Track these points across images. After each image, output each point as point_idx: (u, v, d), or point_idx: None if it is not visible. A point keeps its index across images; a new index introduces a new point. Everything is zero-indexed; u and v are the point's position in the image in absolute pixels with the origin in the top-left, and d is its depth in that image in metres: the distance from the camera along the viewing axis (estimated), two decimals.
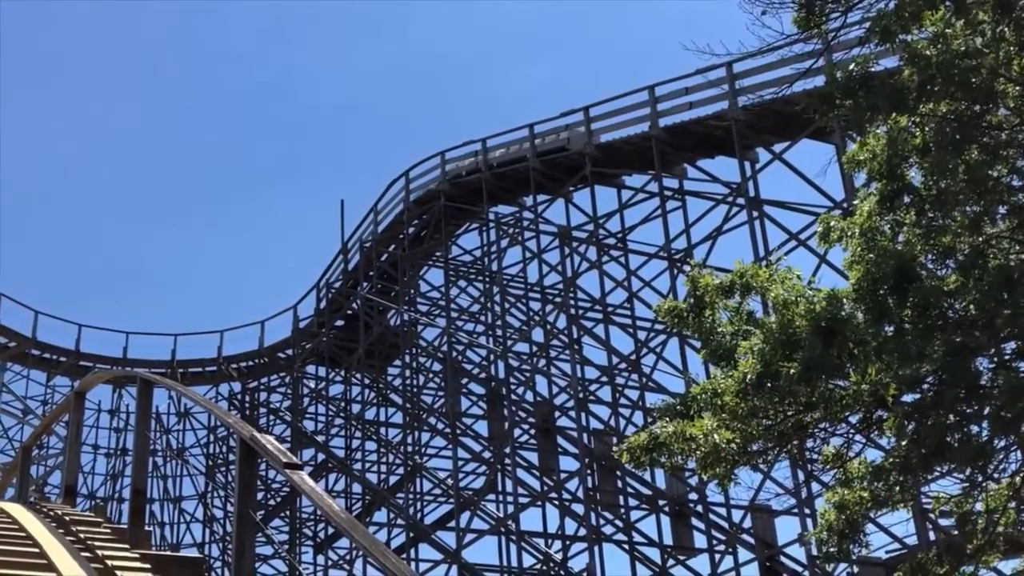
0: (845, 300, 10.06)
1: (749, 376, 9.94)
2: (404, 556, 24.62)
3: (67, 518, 9.45)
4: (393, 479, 29.28)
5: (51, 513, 9.77)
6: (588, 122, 26.17)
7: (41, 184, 64.18)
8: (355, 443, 30.63)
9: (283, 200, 66.88)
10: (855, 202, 10.93)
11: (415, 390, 29.74)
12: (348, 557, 29.20)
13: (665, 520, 24.31)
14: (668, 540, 24.20)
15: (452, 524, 25.94)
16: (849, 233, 10.38)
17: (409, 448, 28.57)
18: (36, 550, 8.22)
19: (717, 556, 22.58)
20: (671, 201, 25.32)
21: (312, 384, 33.31)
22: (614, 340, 25.69)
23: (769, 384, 9.84)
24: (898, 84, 9.84)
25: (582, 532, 24.37)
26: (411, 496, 28.23)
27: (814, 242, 16.59)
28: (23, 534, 8.77)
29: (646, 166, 25.83)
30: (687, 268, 24.90)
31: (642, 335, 25.61)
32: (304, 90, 68.30)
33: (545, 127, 27.37)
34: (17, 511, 9.80)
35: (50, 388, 33.97)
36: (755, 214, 22.85)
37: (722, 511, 22.82)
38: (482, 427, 28.25)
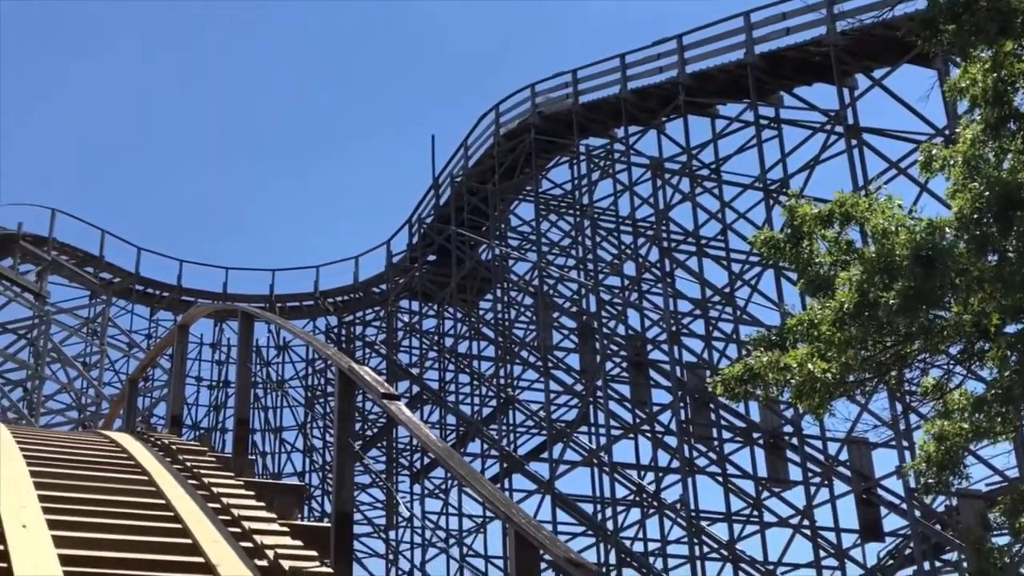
0: (947, 229, 9.83)
1: (847, 305, 9.80)
2: (498, 486, 24.95)
3: (173, 447, 9.76)
4: (486, 411, 29.60)
5: (158, 443, 10.09)
6: (681, 50, 25.76)
7: (145, 123, 65.45)
8: (448, 376, 30.98)
9: (377, 138, 67.33)
10: (958, 129, 10.62)
11: (507, 324, 29.89)
12: (443, 486, 29.68)
13: (759, 452, 24.22)
14: (762, 472, 24.13)
15: (545, 455, 26.16)
16: (951, 161, 10.11)
17: (502, 381, 28.80)
18: (145, 478, 8.52)
19: (812, 488, 22.47)
20: (767, 130, 24.90)
21: (406, 318, 33.71)
22: (707, 273, 25.50)
23: (867, 314, 9.68)
24: (1005, 7, 9.48)
25: (675, 464, 24.41)
26: (504, 428, 28.52)
27: (915, 171, 16.22)
28: (132, 463, 9.09)
29: (741, 95, 25.39)
30: (783, 199, 24.59)
31: (736, 267, 25.36)
32: (394, 29, 68.30)
33: (637, 56, 27.05)
34: (126, 440, 10.16)
35: (153, 322, 34.92)
36: (854, 142, 22.36)
37: (817, 443, 22.67)
38: (574, 360, 28.36)
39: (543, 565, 5.99)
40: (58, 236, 32.45)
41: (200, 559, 6.60)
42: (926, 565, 19.99)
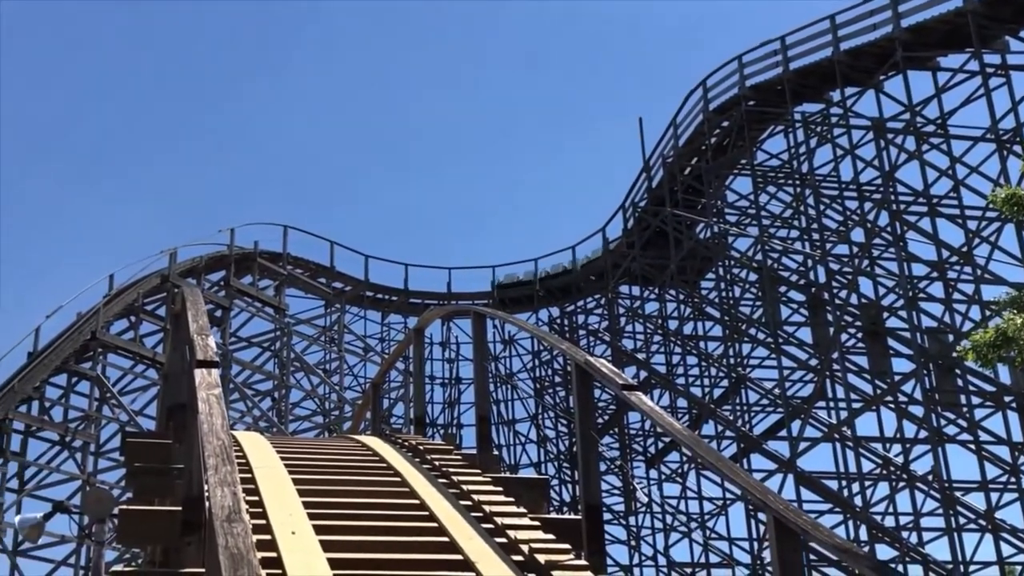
0: None
1: None
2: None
3: (421, 447, 10.02)
4: (717, 392, 29.18)
5: (406, 443, 10.37)
6: (895, 4, 24.74)
7: (359, 130, 67.72)
8: (675, 359, 30.71)
9: (583, 126, 67.51)
10: None
11: (732, 302, 29.37)
12: (680, 470, 29.47)
13: (1013, 417, 22.98)
14: (1018, 437, 22.89)
15: (783, 433, 25.60)
16: None
17: (731, 360, 28.32)
18: (397, 479, 8.77)
19: None
20: (994, 78, 23.62)
21: (627, 303, 33.61)
22: (942, 233, 24.38)
23: None
24: None
25: (923, 434, 23.48)
26: (738, 407, 28.05)
27: None
28: (384, 464, 9.37)
29: (962, 44, 24.17)
30: (1018, 149, 23.22)
31: (972, 224, 24.13)
32: (590, 15, 68.24)
33: (847, 16, 26.13)
34: (375, 443, 10.50)
35: (385, 326, 36.04)
36: None
37: None
38: (805, 334, 27.61)
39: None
40: (291, 251, 33.94)
41: (459, 556, 6.73)
42: None
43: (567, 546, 6.99)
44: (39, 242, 59.19)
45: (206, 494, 6.26)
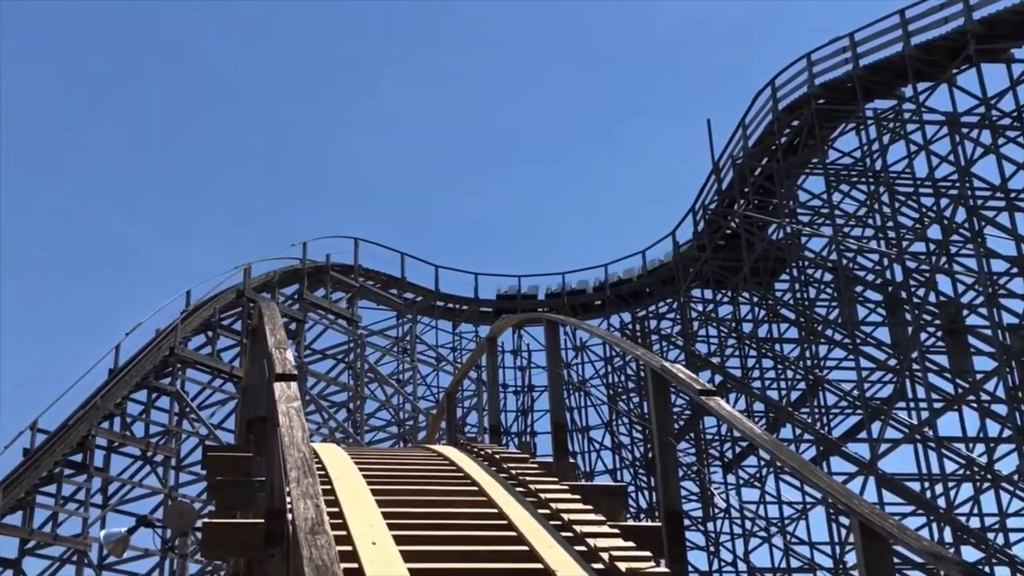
0: None
1: None
2: None
3: (497, 456, 9.99)
4: (794, 394, 28.82)
5: (481, 452, 10.36)
6: None
7: (421, 139, 68.15)
8: (750, 362, 30.38)
9: (650, 129, 67.23)
10: None
11: (807, 303, 29.00)
12: (758, 475, 29.13)
13: None
14: None
15: (862, 435, 25.20)
16: None
17: (808, 362, 27.96)
18: (475, 488, 8.76)
19: None
20: None
21: (700, 307, 33.36)
22: (1021, 227, 23.83)
23: None
24: None
25: (1007, 433, 22.97)
26: (816, 410, 27.67)
27: None
28: (461, 474, 9.37)
29: None
30: None
31: None
32: (651, 18, 67.99)
33: (917, 10, 25.77)
34: (452, 453, 10.50)
35: (456, 335, 36.19)
36: None
37: None
38: (883, 334, 27.18)
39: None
40: (362, 263, 34.24)
41: (539, 565, 6.70)
42: None
43: (648, 553, 6.93)
44: (117, 262, 60.42)
45: (288, 506, 6.30)
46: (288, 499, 5.43)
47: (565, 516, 7.66)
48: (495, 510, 7.95)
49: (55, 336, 55.09)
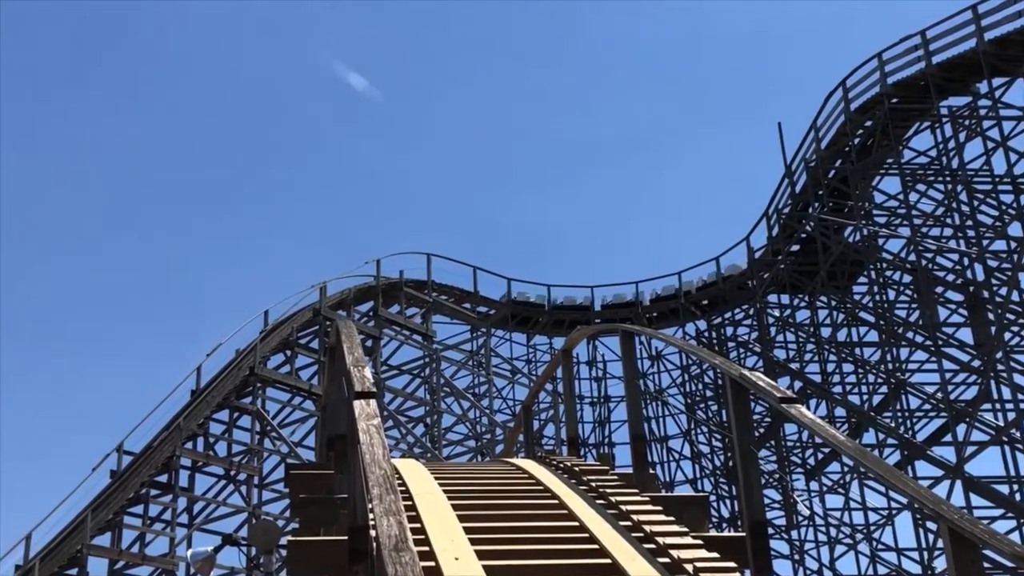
0: None
1: None
2: None
3: (576, 468, 9.95)
4: (876, 399, 28.35)
5: (560, 465, 10.32)
6: None
7: (488, 153, 68.42)
8: (830, 367, 29.96)
9: (720, 136, 66.78)
10: None
11: (886, 305, 28.55)
12: (842, 481, 28.69)
13: None
14: None
15: (947, 438, 24.71)
16: None
17: (889, 365, 27.50)
18: (555, 501, 8.74)
19: None
20: None
21: (776, 313, 33.00)
22: None
23: None
24: None
25: None
26: (899, 414, 27.20)
27: None
28: (541, 487, 9.35)
29: None
30: None
31: None
32: (718, 24, 67.58)
33: (990, 5, 25.30)
34: (530, 466, 10.49)
35: (531, 347, 36.20)
36: None
37: None
38: (966, 335, 26.64)
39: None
40: (435, 278, 34.45)
41: None
42: None
43: (732, 564, 6.85)
44: (198, 283, 61.50)
45: (371, 523, 6.35)
46: (371, 516, 5.47)
47: (647, 528, 7.61)
48: (576, 523, 7.92)
49: (137, 359, 56.20)
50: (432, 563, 6.55)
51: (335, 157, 66.22)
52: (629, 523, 7.87)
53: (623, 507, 8.27)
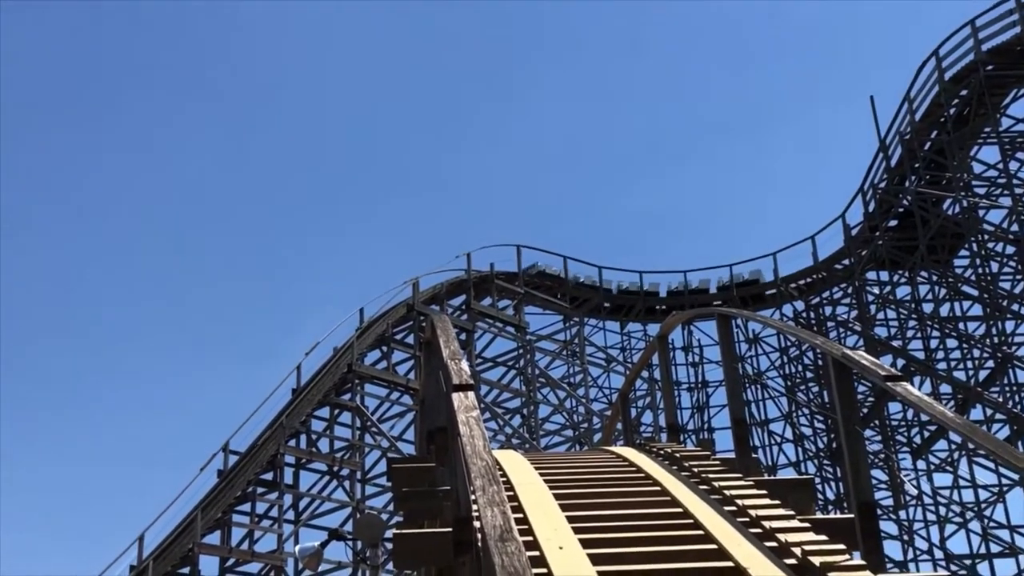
0: None
1: None
2: None
3: (677, 455, 9.88)
4: (983, 374, 27.65)
5: (661, 452, 10.27)
6: None
7: (576, 139, 68.22)
8: (933, 343, 29.30)
9: (811, 113, 65.72)
10: None
11: (989, 278, 27.81)
12: (950, 459, 28.05)
13: None
14: None
15: None
16: None
17: (995, 339, 26.80)
18: (657, 488, 8.69)
19: None
20: None
21: (876, 290, 32.35)
22: None
23: None
24: None
25: None
26: (1007, 389, 26.49)
27: None
28: (642, 474, 9.31)
29: None
30: None
31: None
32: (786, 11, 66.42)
33: None
34: (630, 453, 10.45)
35: (625, 335, 36.01)
36: None
37: None
38: None
39: None
40: (525, 269, 34.49)
41: (729, 563, 6.59)
42: None
43: (841, 546, 6.73)
44: (295, 285, 62.48)
45: (475, 514, 6.38)
46: (474, 507, 5.49)
47: (752, 512, 7.52)
48: (679, 509, 7.86)
49: (240, 360, 57.34)
50: (536, 552, 6.55)
51: (428, 153, 66.71)
52: (734, 508, 7.79)
53: (727, 492, 8.19)
